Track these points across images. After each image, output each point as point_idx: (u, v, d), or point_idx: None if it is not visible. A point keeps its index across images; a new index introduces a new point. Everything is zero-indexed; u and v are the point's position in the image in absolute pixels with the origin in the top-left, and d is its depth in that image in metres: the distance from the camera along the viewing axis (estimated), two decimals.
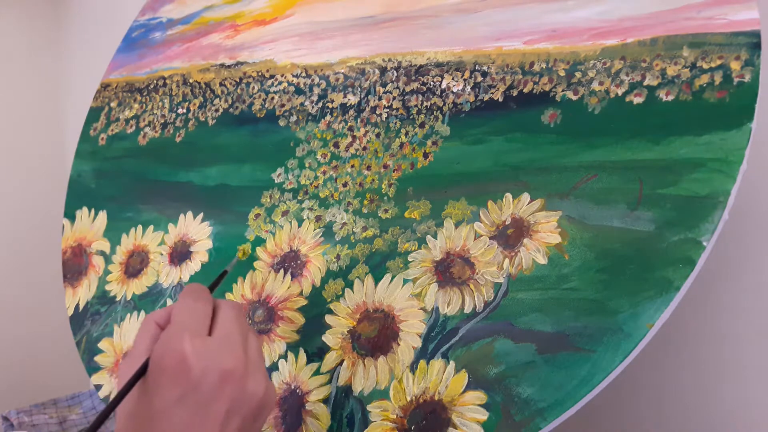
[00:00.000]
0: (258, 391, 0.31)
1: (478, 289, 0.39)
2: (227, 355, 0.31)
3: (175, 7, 0.73)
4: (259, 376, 0.32)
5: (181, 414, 0.29)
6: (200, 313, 0.33)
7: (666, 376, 0.56)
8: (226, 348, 0.31)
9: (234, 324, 0.33)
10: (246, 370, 0.31)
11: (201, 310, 0.33)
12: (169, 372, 0.30)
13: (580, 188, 0.38)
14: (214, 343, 0.31)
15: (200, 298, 0.34)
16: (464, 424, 0.36)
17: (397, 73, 0.50)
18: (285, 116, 0.56)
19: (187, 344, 0.30)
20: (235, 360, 0.31)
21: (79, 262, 0.64)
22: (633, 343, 0.33)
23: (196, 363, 0.29)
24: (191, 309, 0.33)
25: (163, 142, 0.64)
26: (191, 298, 0.34)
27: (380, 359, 0.41)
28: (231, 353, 0.31)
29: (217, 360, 0.30)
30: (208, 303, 0.34)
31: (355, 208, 0.48)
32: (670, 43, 0.38)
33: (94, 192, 0.68)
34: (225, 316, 0.34)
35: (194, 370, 0.29)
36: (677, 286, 0.33)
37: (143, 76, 0.71)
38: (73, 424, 1.04)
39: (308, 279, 0.47)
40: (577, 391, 0.33)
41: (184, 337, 0.30)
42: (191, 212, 0.58)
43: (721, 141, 0.35)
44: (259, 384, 0.31)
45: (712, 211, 0.33)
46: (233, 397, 0.30)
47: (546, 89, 0.42)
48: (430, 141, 0.46)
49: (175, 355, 0.30)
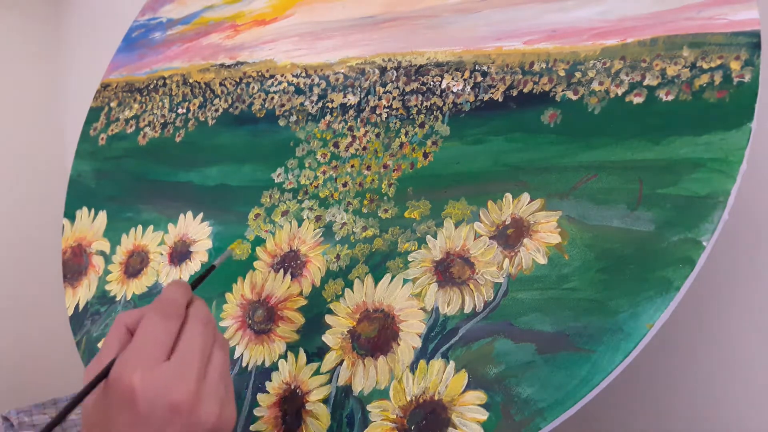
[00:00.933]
0: (210, 417, 0.32)
1: (478, 289, 0.39)
2: (177, 387, 0.31)
3: (175, 7, 0.73)
4: (212, 402, 0.32)
5: None
6: (164, 334, 0.34)
7: (666, 376, 0.56)
8: (178, 378, 0.32)
9: (196, 345, 0.34)
10: (197, 399, 0.32)
11: (166, 329, 0.34)
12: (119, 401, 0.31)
13: (580, 188, 0.38)
14: (167, 373, 0.32)
15: (171, 315, 0.35)
16: (464, 424, 0.36)
17: (397, 73, 0.50)
18: (285, 116, 0.56)
19: (136, 377, 0.31)
20: (185, 391, 0.31)
21: (79, 262, 0.64)
22: (633, 343, 0.33)
23: (145, 396, 0.31)
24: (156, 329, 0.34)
25: (163, 142, 0.64)
26: (162, 315, 0.34)
27: (380, 359, 0.41)
28: (181, 384, 0.32)
29: (166, 392, 0.31)
30: (178, 318, 0.35)
31: (355, 208, 0.48)
32: (670, 43, 0.38)
33: (94, 192, 0.68)
34: (189, 336, 0.34)
35: (142, 403, 0.30)
36: (677, 286, 0.33)
37: (143, 76, 0.71)
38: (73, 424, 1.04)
39: (308, 279, 0.47)
40: (577, 391, 0.33)
41: (135, 371, 0.31)
42: (191, 212, 0.58)
43: (721, 141, 0.35)
44: (212, 410, 0.32)
45: (712, 211, 0.33)
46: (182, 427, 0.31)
47: (546, 89, 0.42)
48: (430, 141, 0.46)
49: (125, 387, 0.31)
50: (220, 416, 0.33)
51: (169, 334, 0.34)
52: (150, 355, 0.32)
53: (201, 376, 0.33)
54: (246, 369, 0.47)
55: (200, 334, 0.34)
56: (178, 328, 0.34)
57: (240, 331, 0.49)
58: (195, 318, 0.35)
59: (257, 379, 0.46)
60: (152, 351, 0.33)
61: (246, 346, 0.48)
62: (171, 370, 0.32)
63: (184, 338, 0.34)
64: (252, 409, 0.45)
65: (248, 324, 0.49)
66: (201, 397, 0.32)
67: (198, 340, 0.34)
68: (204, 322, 0.35)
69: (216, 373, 0.34)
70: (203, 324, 0.35)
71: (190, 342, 0.34)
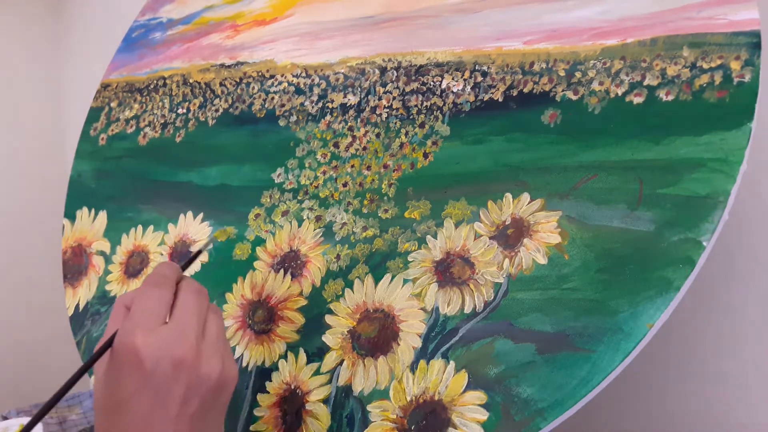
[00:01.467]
0: (213, 372, 0.33)
1: (478, 289, 0.39)
2: (178, 344, 0.33)
3: (175, 8, 0.73)
4: (213, 358, 0.34)
5: (141, 401, 0.32)
6: (158, 301, 0.35)
7: (666, 376, 0.56)
8: (179, 336, 0.33)
9: (191, 309, 0.35)
10: (198, 355, 0.33)
11: (160, 297, 0.35)
12: (126, 365, 0.32)
13: (580, 188, 0.38)
14: (167, 333, 0.33)
15: (161, 284, 0.36)
16: (464, 424, 0.36)
17: (397, 73, 0.50)
18: (285, 116, 0.56)
19: (138, 338, 0.32)
20: (187, 347, 0.33)
21: (79, 262, 0.64)
22: (633, 343, 0.33)
23: (149, 355, 0.32)
24: (150, 297, 0.35)
25: (163, 142, 0.64)
26: (152, 285, 0.36)
27: (380, 359, 0.41)
28: (183, 341, 0.33)
29: (169, 349, 0.32)
30: (169, 288, 0.36)
31: (355, 208, 0.48)
32: (670, 43, 0.38)
33: (94, 192, 0.68)
34: (184, 302, 0.35)
35: (147, 361, 0.32)
36: (677, 286, 0.33)
37: (143, 76, 0.71)
38: (73, 424, 1.04)
39: (308, 279, 0.47)
40: (577, 391, 0.33)
41: (136, 332, 0.32)
42: (191, 212, 0.58)
43: (721, 141, 0.35)
44: (214, 366, 0.33)
45: (712, 211, 0.33)
46: (188, 381, 0.32)
47: (546, 89, 0.42)
48: (430, 141, 0.46)
49: (129, 349, 0.32)
50: (223, 371, 0.34)
51: (163, 301, 0.35)
52: (148, 319, 0.33)
53: (200, 335, 0.34)
54: (246, 369, 0.47)
55: (194, 300, 0.36)
56: (171, 297, 0.36)
57: (240, 331, 0.49)
58: (187, 288, 0.37)
59: (257, 379, 0.46)
60: (150, 316, 0.34)
61: (246, 346, 0.48)
62: (171, 330, 0.33)
63: (179, 304, 0.35)
64: (252, 409, 0.45)
65: (248, 324, 0.49)
66: (202, 353, 0.33)
67: (193, 306, 0.35)
68: (196, 291, 0.37)
69: (213, 334, 0.35)
70: (196, 292, 0.36)
71: (186, 307, 0.35)
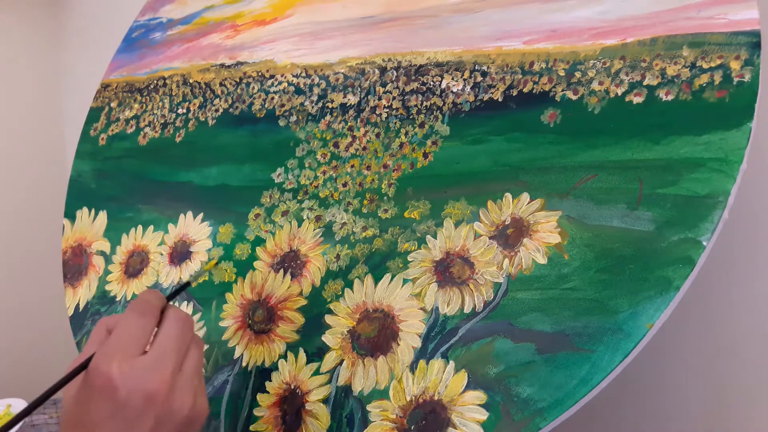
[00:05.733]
0: (184, 407, 0.34)
1: (478, 288, 0.39)
2: (153, 377, 0.33)
3: (175, 8, 0.73)
4: (187, 393, 0.34)
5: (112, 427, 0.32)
6: (140, 330, 0.35)
7: (666, 376, 0.56)
8: (155, 368, 0.33)
9: (172, 340, 0.35)
10: (172, 390, 0.33)
11: (142, 326, 0.35)
12: (98, 390, 0.32)
13: (579, 188, 0.38)
14: (144, 364, 0.33)
15: (145, 312, 0.36)
16: (464, 424, 0.36)
17: (396, 73, 0.50)
18: (285, 116, 0.56)
19: (114, 367, 0.32)
20: (161, 381, 0.33)
21: (79, 262, 0.64)
22: (633, 342, 0.33)
23: (122, 384, 0.32)
24: (132, 326, 0.35)
25: (163, 142, 0.64)
26: (136, 313, 0.36)
27: (380, 359, 0.41)
28: (158, 374, 0.33)
29: (143, 382, 0.32)
30: (153, 317, 0.36)
31: (354, 208, 0.48)
32: (670, 42, 0.38)
33: (94, 192, 0.68)
34: (166, 331, 0.36)
35: (120, 391, 0.32)
36: (677, 286, 0.33)
37: (143, 76, 0.71)
38: None
39: (308, 279, 0.47)
40: (577, 391, 0.33)
41: (113, 361, 0.33)
42: (191, 212, 0.58)
43: (720, 141, 0.35)
44: (186, 401, 0.34)
45: (712, 211, 0.33)
46: (158, 415, 0.32)
47: (546, 89, 0.42)
48: (430, 141, 0.46)
49: (104, 376, 0.32)
50: (194, 407, 0.34)
51: (145, 330, 0.35)
52: (127, 347, 0.34)
53: (176, 369, 0.34)
54: (246, 369, 0.47)
55: (177, 332, 0.36)
56: (153, 326, 0.36)
57: (240, 331, 0.49)
58: (171, 317, 0.37)
59: (257, 379, 0.46)
60: (129, 344, 0.34)
61: (246, 346, 0.48)
62: (148, 362, 0.34)
63: (161, 335, 0.36)
64: (252, 409, 0.45)
65: (248, 324, 0.49)
66: (175, 388, 0.34)
67: (175, 337, 0.36)
68: (181, 322, 0.37)
69: (191, 367, 0.35)
70: (180, 322, 0.37)
71: (167, 338, 0.35)
